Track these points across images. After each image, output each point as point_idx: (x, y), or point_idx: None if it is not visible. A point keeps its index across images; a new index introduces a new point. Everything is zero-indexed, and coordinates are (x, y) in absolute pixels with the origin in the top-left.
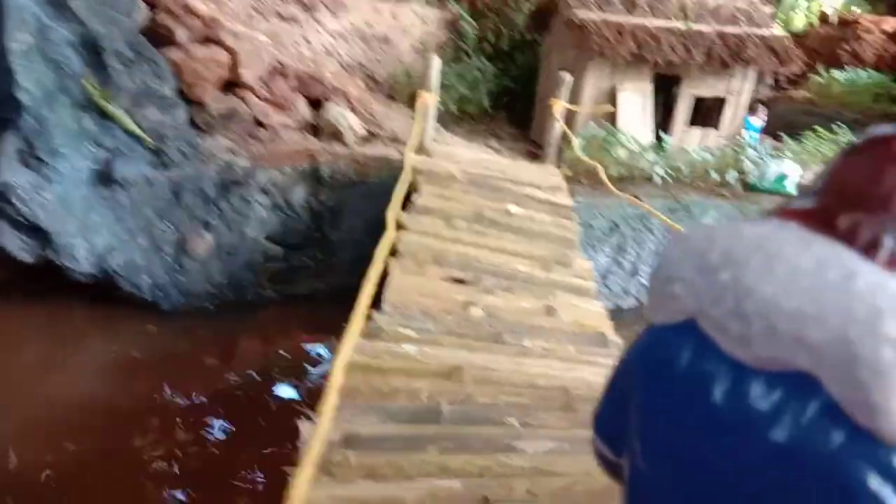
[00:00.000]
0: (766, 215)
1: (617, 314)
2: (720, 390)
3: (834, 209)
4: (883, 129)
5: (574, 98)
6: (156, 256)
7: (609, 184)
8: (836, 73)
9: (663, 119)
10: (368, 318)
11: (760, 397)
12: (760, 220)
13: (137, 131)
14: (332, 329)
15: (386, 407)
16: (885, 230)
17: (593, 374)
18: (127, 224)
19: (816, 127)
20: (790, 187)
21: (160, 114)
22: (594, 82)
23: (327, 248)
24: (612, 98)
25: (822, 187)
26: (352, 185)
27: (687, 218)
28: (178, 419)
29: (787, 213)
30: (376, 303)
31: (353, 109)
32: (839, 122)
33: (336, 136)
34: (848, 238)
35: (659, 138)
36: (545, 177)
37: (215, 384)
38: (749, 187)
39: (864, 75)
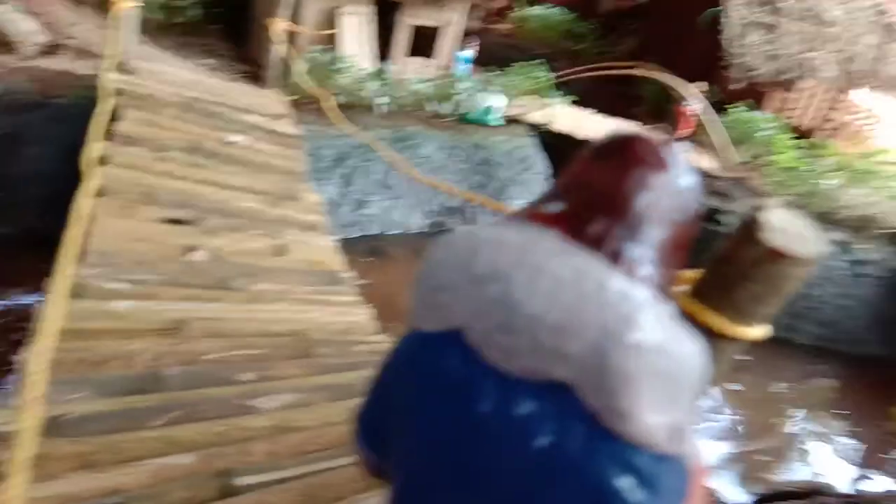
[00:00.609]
0: (522, 217)
1: (345, 246)
2: (487, 399)
3: (582, 215)
4: (624, 131)
5: (294, 17)
6: None
7: (335, 113)
8: (532, 10)
9: (384, 48)
10: (70, 272)
11: (524, 406)
12: (519, 223)
13: None
14: (20, 282)
15: (97, 379)
16: (625, 238)
17: (328, 314)
18: None
19: (517, 61)
20: (495, 119)
21: None
22: (315, 2)
23: (7, 185)
24: (333, 21)
25: (568, 189)
26: (32, 106)
27: (408, 149)
28: None
29: (543, 217)
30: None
31: (28, 12)
32: (536, 57)
33: (7, 45)
34: (596, 246)
35: (381, 67)
36: (268, 103)
37: None
38: (462, 118)
39: (555, 12)
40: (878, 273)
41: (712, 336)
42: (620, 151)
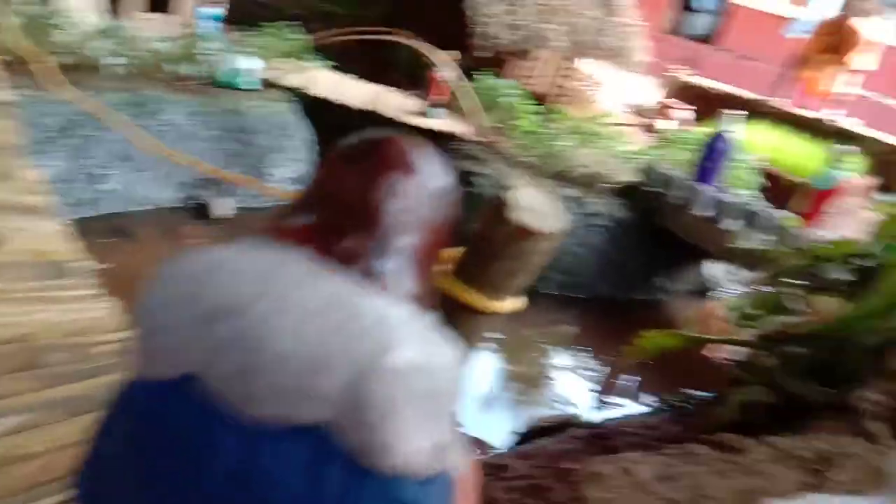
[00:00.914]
0: (267, 232)
1: (81, 228)
2: (229, 453)
3: (333, 228)
4: (374, 132)
5: None
6: None
7: (54, 76)
8: None
9: (115, 2)
10: None
11: (272, 456)
12: (262, 241)
13: None
14: None
15: None
16: (379, 251)
17: (58, 313)
18: None
19: (270, 21)
20: (250, 83)
21: None
22: None
23: None
24: None
25: (317, 199)
26: None
27: (148, 115)
28: None
29: (291, 233)
30: None
31: None
32: (290, 18)
33: None
34: (349, 263)
35: (112, 23)
36: None
37: None
38: (212, 82)
39: None
40: (605, 223)
41: (472, 312)
42: (369, 156)
